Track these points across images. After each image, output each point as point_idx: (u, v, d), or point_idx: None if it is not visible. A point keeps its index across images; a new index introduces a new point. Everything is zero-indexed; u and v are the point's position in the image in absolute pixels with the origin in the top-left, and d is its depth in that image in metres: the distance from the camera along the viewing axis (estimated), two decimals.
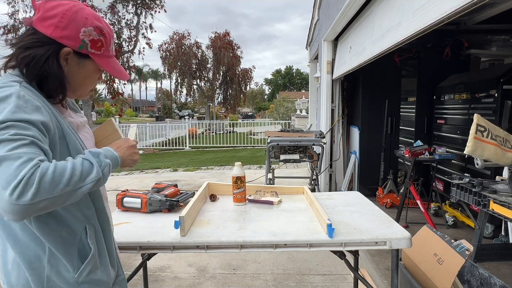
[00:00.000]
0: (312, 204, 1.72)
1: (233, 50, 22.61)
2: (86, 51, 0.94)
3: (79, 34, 0.92)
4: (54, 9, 0.90)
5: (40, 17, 0.89)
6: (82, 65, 0.97)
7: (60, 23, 0.89)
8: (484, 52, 4.77)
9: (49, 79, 0.90)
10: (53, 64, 0.90)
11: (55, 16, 0.89)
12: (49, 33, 0.89)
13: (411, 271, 1.96)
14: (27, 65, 0.88)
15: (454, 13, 1.71)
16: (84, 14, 0.93)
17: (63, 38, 0.90)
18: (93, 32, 0.94)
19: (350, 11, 3.67)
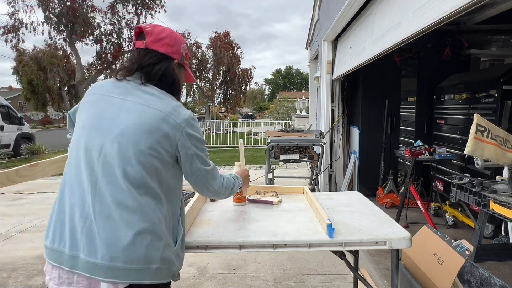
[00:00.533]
0: (312, 204, 1.72)
1: (233, 50, 22.61)
2: (184, 62, 1.27)
3: (180, 49, 1.24)
4: (163, 33, 1.20)
5: (154, 40, 1.18)
6: (182, 73, 1.29)
7: (170, 42, 1.21)
8: (484, 52, 4.76)
9: (176, 85, 1.24)
10: (174, 73, 1.23)
11: (165, 37, 1.20)
12: (164, 50, 1.19)
13: (411, 271, 1.96)
14: (162, 76, 1.19)
15: (454, 13, 1.71)
16: (179, 35, 1.28)
17: (173, 53, 1.21)
18: (185, 47, 1.28)
19: (350, 11, 3.67)
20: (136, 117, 1.08)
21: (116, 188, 1.04)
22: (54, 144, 14.26)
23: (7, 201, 5.55)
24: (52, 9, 13.31)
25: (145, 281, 1.04)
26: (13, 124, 11.54)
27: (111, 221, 1.03)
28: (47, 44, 15.01)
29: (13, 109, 11.92)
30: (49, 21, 13.62)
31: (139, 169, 1.05)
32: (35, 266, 3.11)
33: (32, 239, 3.80)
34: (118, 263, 1.01)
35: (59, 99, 30.59)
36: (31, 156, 10.84)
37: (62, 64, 24.06)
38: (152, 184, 1.08)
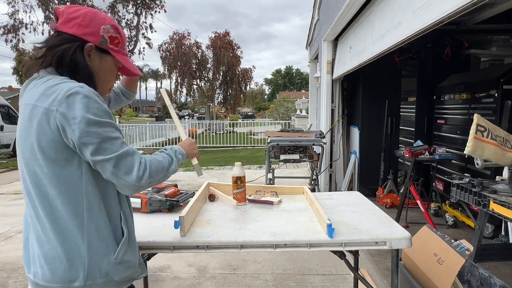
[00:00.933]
0: (312, 204, 1.72)
1: (233, 50, 22.60)
2: (106, 46, 1.05)
3: (100, 31, 1.03)
4: (76, 12, 1.02)
5: (64, 20, 1.01)
6: (104, 61, 1.07)
7: (83, 22, 1.01)
8: (484, 52, 4.76)
9: (79, 71, 1.00)
10: (80, 57, 1.00)
11: (77, 17, 1.01)
12: (73, 31, 1.00)
13: (411, 271, 1.96)
14: (58, 59, 0.99)
15: (454, 13, 1.71)
16: (102, 15, 1.07)
17: (86, 34, 1.01)
18: (111, 29, 1.06)
19: (350, 11, 3.67)
20: (21, 122, 0.98)
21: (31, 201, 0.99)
22: None
23: (7, 201, 5.55)
24: (52, 9, 13.33)
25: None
26: (13, 124, 11.53)
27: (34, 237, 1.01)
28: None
29: (13, 109, 11.92)
30: (49, 21, 13.63)
31: (33, 180, 0.97)
32: None
33: None
34: (39, 281, 0.98)
35: None
36: None
37: None
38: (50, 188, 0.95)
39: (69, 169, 0.95)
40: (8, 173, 8.48)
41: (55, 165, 0.94)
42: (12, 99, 32.30)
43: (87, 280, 0.96)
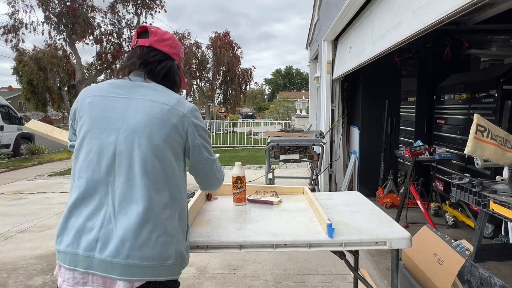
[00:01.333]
0: (312, 204, 1.72)
1: (233, 50, 22.60)
2: (180, 65, 1.31)
3: (180, 52, 1.30)
4: (166, 34, 1.25)
5: (159, 39, 1.22)
6: (179, 76, 1.30)
7: (173, 43, 1.26)
8: (484, 52, 4.76)
9: (177, 84, 1.29)
10: (176, 72, 1.27)
11: (169, 39, 1.25)
12: (167, 50, 1.23)
13: (411, 271, 1.96)
14: (166, 74, 1.23)
15: (454, 13, 1.71)
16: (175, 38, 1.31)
17: (174, 54, 1.26)
18: (182, 51, 1.34)
19: (350, 11, 3.67)
20: (145, 113, 1.10)
21: (133, 186, 1.06)
22: (54, 144, 14.24)
23: (7, 201, 5.55)
24: (52, 9, 13.31)
25: (161, 278, 1.07)
26: (13, 124, 11.54)
27: (127, 219, 1.04)
28: (47, 44, 15.02)
29: (13, 109, 11.92)
30: (49, 21, 13.62)
31: (157, 164, 1.08)
32: (35, 266, 3.11)
33: (32, 239, 3.80)
34: (134, 261, 1.03)
35: (59, 99, 30.60)
36: (31, 156, 10.84)
37: (62, 64, 24.06)
38: (168, 179, 1.11)
39: (180, 163, 1.18)
40: (8, 173, 8.48)
41: (175, 157, 1.14)
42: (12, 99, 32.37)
43: (175, 260, 1.10)
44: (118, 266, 1.02)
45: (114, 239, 1.03)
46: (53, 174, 8.15)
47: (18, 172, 8.63)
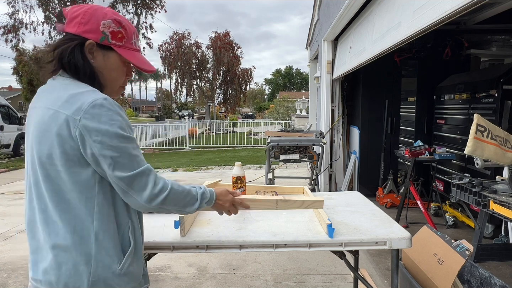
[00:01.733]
0: None
1: (233, 50, 22.59)
2: (108, 42, 1.00)
3: (99, 26, 0.98)
4: (78, 10, 0.99)
5: (68, 20, 1.00)
6: (107, 57, 1.02)
7: (82, 19, 0.98)
8: (484, 52, 4.77)
9: (79, 71, 0.98)
10: (78, 55, 0.97)
11: (78, 16, 0.98)
12: (74, 30, 0.98)
13: (411, 271, 1.96)
14: (59, 61, 0.98)
15: (454, 13, 1.70)
16: (104, 10, 1.02)
17: (86, 32, 0.98)
18: (112, 24, 1.00)
19: (350, 11, 3.67)
20: (34, 124, 0.96)
21: (41, 202, 0.96)
22: None
23: (7, 201, 5.55)
24: (52, 9, 13.32)
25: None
26: (13, 124, 11.54)
27: (36, 239, 0.98)
28: (47, 44, 15.00)
29: (13, 109, 11.93)
30: (49, 21, 13.63)
31: (49, 179, 0.94)
32: None
33: None
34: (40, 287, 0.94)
35: None
36: None
37: None
38: (67, 193, 0.93)
39: (84, 177, 0.93)
40: (8, 173, 8.48)
41: (72, 171, 0.92)
42: (12, 99, 32.39)
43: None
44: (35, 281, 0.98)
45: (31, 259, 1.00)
46: None
47: (18, 172, 8.63)
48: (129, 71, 1.10)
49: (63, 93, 0.93)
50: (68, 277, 0.93)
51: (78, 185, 0.93)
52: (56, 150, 0.91)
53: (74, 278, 0.93)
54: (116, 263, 0.97)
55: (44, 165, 0.93)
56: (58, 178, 0.93)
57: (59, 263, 0.93)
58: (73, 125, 0.89)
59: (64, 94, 0.93)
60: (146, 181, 0.95)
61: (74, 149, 0.91)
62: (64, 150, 0.90)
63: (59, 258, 0.93)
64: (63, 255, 0.93)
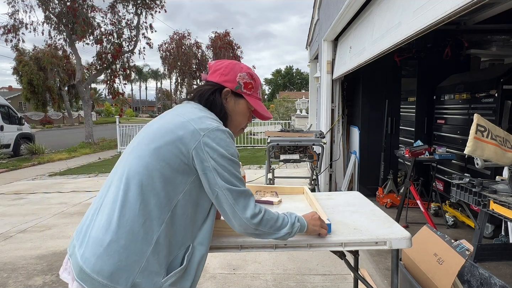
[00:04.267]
0: (312, 204, 1.71)
1: (233, 50, 22.60)
2: (241, 91, 1.21)
3: (236, 78, 1.20)
4: (221, 64, 1.23)
5: (211, 72, 1.23)
6: (237, 103, 1.22)
7: (224, 71, 1.20)
8: (484, 52, 4.77)
9: (216, 109, 1.17)
10: (218, 97, 1.18)
11: (220, 68, 1.21)
12: (216, 80, 1.20)
13: (411, 271, 1.96)
14: (199, 95, 1.18)
15: (454, 13, 1.70)
16: (241, 65, 1.24)
17: (225, 81, 1.20)
18: (246, 76, 1.22)
19: (350, 11, 3.67)
20: (161, 122, 1.11)
21: (123, 188, 1.02)
22: (54, 144, 14.27)
23: (7, 201, 5.55)
24: (52, 9, 13.31)
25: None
26: (13, 124, 11.54)
27: (102, 221, 1.00)
28: (47, 44, 15.00)
29: (13, 109, 11.93)
30: (49, 21, 13.61)
31: (147, 172, 1.01)
32: (35, 266, 3.11)
33: (32, 239, 3.80)
34: (87, 268, 0.96)
35: (59, 99, 30.63)
36: (31, 156, 10.84)
37: (62, 64, 24.07)
38: (155, 192, 1.00)
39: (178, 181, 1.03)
40: (8, 173, 8.48)
41: (171, 169, 1.02)
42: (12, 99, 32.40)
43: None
44: (77, 265, 0.99)
45: (88, 237, 1.01)
46: (53, 174, 8.14)
47: (18, 172, 8.63)
48: (250, 117, 1.29)
49: (196, 113, 1.10)
50: (115, 268, 0.95)
51: (168, 184, 1.02)
52: (171, 149, 1.02)
53: (121, 271, 0.96)
54: (161, 274, 1.01)
55: (151, 155, 1.03)
56: (158, 173, 1.01)
57: (113, 253, 0.97)
58: (195, 138, 1.03)
59: (197, 114, 1.09)
60: (249, 200, 1.07)
61: (183, 155, 1.02)
62: (177, 153, 1.02)
63: (112, 249, 0.97)
64: (118, 247, 0.96)
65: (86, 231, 1.03)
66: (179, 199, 1.03)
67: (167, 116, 1.13)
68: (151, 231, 0.99)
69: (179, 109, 1.15)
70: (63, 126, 32.26)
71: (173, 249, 1.05)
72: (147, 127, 1.14)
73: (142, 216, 0.99)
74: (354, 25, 4.06)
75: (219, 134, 1.05)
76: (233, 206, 1.04)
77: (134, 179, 1.01)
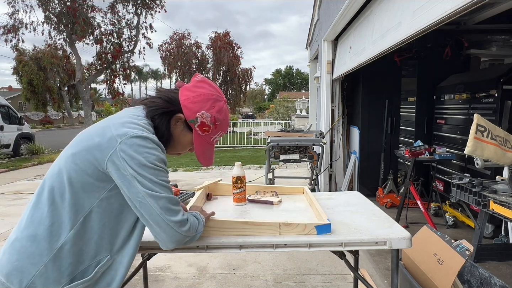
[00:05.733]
0: (312, 204, 1.71)
1: (233, 50, 22.60)
2: (193, 126, 1.12)
3: (197, 112, 1.09)
4: (199, 89, 1.11)
5: (187, 88, 1.12)
6: (184, 133, 1.14)
7: (194, 98, 1.10)
8: (484, 52, 4.77)
9: (159, 130, 1.08)
10: (165, 121, 1.09)
11: (194, 92, 1.11)
12: (181, 99, 1.10)
13: (411, 271, 1.96)
14: (149, 110, 1.08)
15: (454, 13, 1.71)
16: (214, 104, 1.12)
17: (186, 108, 1.10)
18: (208, 118, 1.11)
19: (350, 11, 3.67)
20: (92, 126, 1.06)
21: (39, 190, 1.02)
22: (54, 144, 14.27)
23: (7, 201, 5.55)
24: (52, 9, 13.31)
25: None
26: (13, 124, 11.54)
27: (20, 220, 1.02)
28: (47, 44, 14.99)
29: (13, 109, 11.92)
30: (49, 21, 13.61)
31: (59, 176, 0.99)
32: None
33: None
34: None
35: (59, 99, 30.63)
36: (31, 156, 10.84)
37: (62, 64, 24.06)
38: (66, 197, 0.97)
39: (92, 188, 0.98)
40: (8, 173, 8.48)
41: (87, 177, 0.97)
42: (12, 99, 32.41)
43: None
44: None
45: None
46: None
47: (18, 172, 8.63)
48: (191, 150, 1.21)
49: (126, 117, 1.03)
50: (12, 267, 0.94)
51: (81, 190, 0.97)
52: (86, 155, 0.97)
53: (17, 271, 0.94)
54: (62, 282, 0.96)
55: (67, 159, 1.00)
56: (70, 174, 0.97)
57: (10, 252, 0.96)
58: (112, 145, 0.96)
59: (123, 119, 1.02)
60: (176, 207, 1.02)
61: (98, 162, 0.96)
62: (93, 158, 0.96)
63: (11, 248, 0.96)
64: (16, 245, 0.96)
65: None
66: (93, 206, 0.98)
67: (103, 119, 1.08)
68: (57, 235, 0.96)
69: (120, 112, 1.10)
70: (63, 126, 32.27)
71: (85, 258, 0.99)
72: (84, 130, 1.11)
73: (50, 219, 0.96)
74: (354, 25, 4.06)
75: (138, 141, 0.97)
76: (159, 215, 0.97)
77: (48, 181, 1.00)
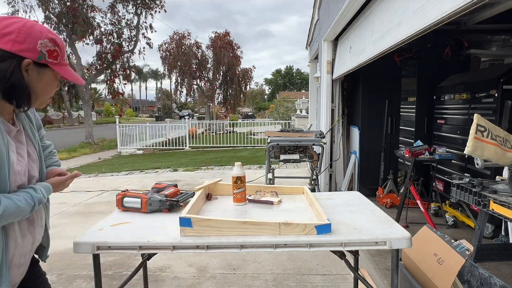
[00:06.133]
0: (312, 204, 1.71)
1: (233, 50, 22.61)
2: (45, 60, 1.02)
3: (37, 46, 0.99)
4: (9, 27, 0.97)
5: (1, 37, 0.96)
6: (42, 74, 1.04)
7: (18, 38, 0.97)
8: (484, 52, 4.77)
9: (17, 90, 0.99)
10: (19, 76, 0.98)
11: (11, 33, 0.96)
12: (9, 48, 0.96)
13: (411, 271, 1.96)
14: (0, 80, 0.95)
15: (454, 13, 1.71)
16: (38, 28, 1.02)
17: (23, 51, 0.97)
18: (49, 43, 1.02)
19: (350, 11, 3.67)
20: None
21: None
22: (54, 144, 14.22)
23: None
24: (52, 9, 13.32)
25: None
26: None
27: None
28: None
29: None
30: (49, 21, 13.62)
31: None
32: None
33: None
34: None
35: (59, 99, 30.60)
36: None
37: None
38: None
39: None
40: None
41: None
42: None
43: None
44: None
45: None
46: None
47: None
48: (58, 83, 1.13)
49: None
50: None
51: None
52: None
53: None
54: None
55: None
56: None
57: None
58: None
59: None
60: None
61: None
62: None
63: None
64: None
65: None
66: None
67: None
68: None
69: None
70: (63, 126, 32.25)
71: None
72: None
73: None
74: (354, 25, 4.06)
75: None
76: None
77: None
